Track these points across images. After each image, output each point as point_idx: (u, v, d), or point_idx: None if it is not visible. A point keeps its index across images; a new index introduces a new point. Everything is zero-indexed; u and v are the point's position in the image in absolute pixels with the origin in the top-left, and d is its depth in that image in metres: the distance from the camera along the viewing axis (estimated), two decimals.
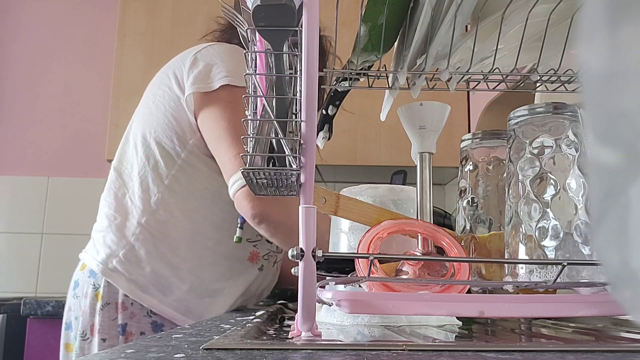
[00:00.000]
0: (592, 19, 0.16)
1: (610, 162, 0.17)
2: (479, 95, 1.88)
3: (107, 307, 1.05)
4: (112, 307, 1.05)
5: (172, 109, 1.10)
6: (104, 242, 1.09)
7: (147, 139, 1.12)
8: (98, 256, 1.08)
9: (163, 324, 1.06)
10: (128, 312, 1.04)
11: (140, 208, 1.09)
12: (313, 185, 0.46)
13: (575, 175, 0.54)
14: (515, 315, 0.59)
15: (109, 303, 1.05)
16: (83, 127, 2.44)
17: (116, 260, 1.06)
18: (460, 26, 0.58)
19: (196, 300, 1.08)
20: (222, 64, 1.08)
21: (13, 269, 2.34)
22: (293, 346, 0.40)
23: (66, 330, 1.11)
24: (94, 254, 1.10)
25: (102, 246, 1.09)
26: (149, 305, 1.05)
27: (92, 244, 1.12)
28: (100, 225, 1.12)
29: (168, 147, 1.10)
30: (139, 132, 1.14)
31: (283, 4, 0.44)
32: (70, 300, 1.11)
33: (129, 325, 1.04)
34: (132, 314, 1.04)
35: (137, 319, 1.05)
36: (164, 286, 1.06)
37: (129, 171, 1.13)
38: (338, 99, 0.67)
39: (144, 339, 0.47)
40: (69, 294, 1.13)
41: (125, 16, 2.18)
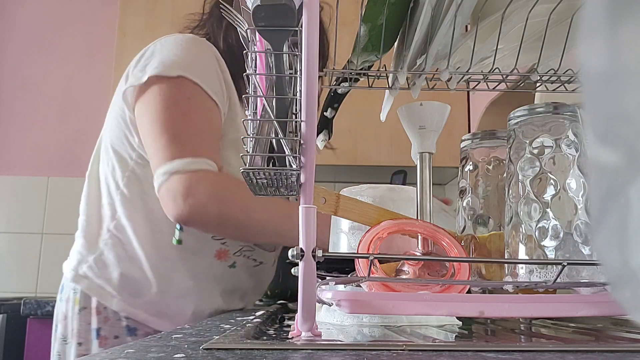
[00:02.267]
0: (593, 18, 0.16)
1: (610, 162, 0.17)
2: (479, 95, 1.88)
3: (83, 311, 1.05)
4: (88, 312, 1.05)
5: (120, 110, 1.09)
6: (76, 248, 1.10)
7: (107, 145, 1.12)
8: (70, 263, 1.09)
9: (136, 327, 1.05)
10: (102, 317, 1.04)
11: (107, 214, 1.09)
12: (313, 185, 0.46)
13: (575, 175, 0.54)
14: (515, 315, 0.59)
15: (85, 307, 1.05)
16: (83, 127, 2.44)
17: (86, 266, 1.06)
18: (460, 26, 0.58)
19: (167, 302, 1.06)
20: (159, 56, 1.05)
21: (13, 269, 2.34)
22: (293, 346, 0.40)
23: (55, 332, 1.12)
24: (68, 261, 1.11)
25: (74, 252, 1.10)
26: (120, 309, 1.04)
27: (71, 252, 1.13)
28: (77, 233, 1.13)
29: (121, 151, 1.09)
30: (103, 139, 1.14)
31: (283, 4, 0.44)
32: (57, 304, 1.12)
33: (103, 329, 1.04)
34: (106, 319, 1.04)
35: (111, 323, 1.04)
36: (133, 289, 1.05)
37: (96, 177, 1.14)
38: (337, 102, 0.67)
39: (144, 339, 0.47)
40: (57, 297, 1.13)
41: (125, 15, 2.18)
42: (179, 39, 1.09)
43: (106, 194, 1.10)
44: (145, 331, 1.05)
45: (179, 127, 0.99)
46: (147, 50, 1.09)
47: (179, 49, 1.06)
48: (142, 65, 1.05)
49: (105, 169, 1.11)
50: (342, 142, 2.01)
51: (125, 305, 1.04)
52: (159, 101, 1.01)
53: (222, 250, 1.09)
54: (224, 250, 1.09)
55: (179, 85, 1.02)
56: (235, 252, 1.10)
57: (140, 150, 1.07)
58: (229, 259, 1.11)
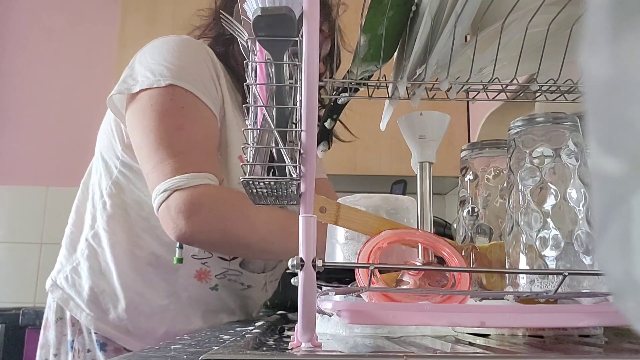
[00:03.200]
0: (596, 26, 0.16)
1: (613, 171, 0.16)
2: (478, 105, 1.88)
3: (60, 321, 1.03)
4: (63, 322, 1.03)
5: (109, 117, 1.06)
6: (59, 257, 1.08)
7: (97, 152, 1.09)
8: (52, 274, 1.08)
9: (106, 343, 1.00)
10: (75, 329, 1.01)
11: (88, 223, 1.05)
12: (313, 195, 0.46)
13: (576, 185, 0.54)
14: (516, 326, 0.59)
15: (61, 318, 1.03)
16: (82, 137, 2.43)
17: (63, 276, 1.04)
18: (460, 36, 0.58)
19: (137, 319, 1.00)
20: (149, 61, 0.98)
21: (12, 279, 2.34)
22: (293, 357, 0.40)
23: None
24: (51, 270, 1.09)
25: (57, 261, 1.08)
26: (89, 323, 1.00)
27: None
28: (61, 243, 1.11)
29: (107, 158, 1.05)
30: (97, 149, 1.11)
31: (283, 14, 0.44)
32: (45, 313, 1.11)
33: (76, 341, 1.01)
34: (79, 331, 1.01)
35: (83, 336, 1.01)
36: (102, 303, 1.00)
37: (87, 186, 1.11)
38: (336, 112, 0.67)
39: (143, 350, 0.46)
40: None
41: (125, 25, 2.19)
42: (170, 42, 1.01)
43: (90, 202, 1.07)
44: (115, 347, 1.00)
45: (175, 140, 0.92)
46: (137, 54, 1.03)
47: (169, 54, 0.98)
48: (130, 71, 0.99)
49: (94, 177, 1.08)
50: (342, 151, 2.01)
51: (94, 320, 1.00)
52: (151, 113, 0.94)
53: (203, 271, 1.02)
54: (205, 270, 1.02)
55: (171, 95, 0.95)
56: (217, 274, 1.04)
57: (123, 159, 1.03)
58: (210, 281, 1.04)
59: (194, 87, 0.96)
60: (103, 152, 1.07)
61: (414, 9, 0.58)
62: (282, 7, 0.44)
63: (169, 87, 0.95)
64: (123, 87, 0.97)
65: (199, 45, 1.04)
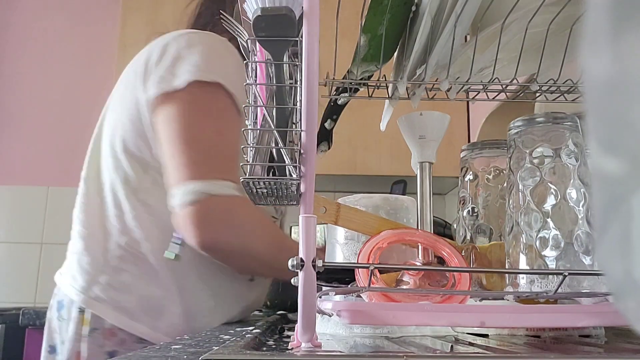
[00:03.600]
0: (596, 26, 0.16)
1: (613, 171, 0.16)
2: (478, 105, 1.89)
3: (95, 332, 0.93)
4: (99, 334, 0.93)
5: (137, 112, 0.97)
6: (81, 266, 0.97)
7: (115, 148, 0.99)
8: (76, 283, 0.96)
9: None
10: (117, 339, 0.93)
11: (117, 227, 0.96)
12: (313, 195, 0.46)
13: (576, 185, 0.54)
14: (516, 326, 0.59)
15: (97, 329, 0.93)
16: (83, 137, 2.43)
17: (98, 288, 0.94)
18: (460, 36, 0.58)
19: (191, 323, 0.96)
20: (190, 57, 0.94)
21: (12, 279, 2.34)
22: (293, 357, 0.40)
23: (50, 353, 1.00)
24: (70, 280, 0.97)
25: (78, 272, 0.96)
26: (140, 333, 0.93)
27: (68, 268, 1.00)
28: (76, 247, 0.99)
29: (137, 156, 0.97)
30: (107, 140, 1.01)
31: (283, 14, 0.44)
32: (54, 322, 1.00)
33: (119, 352, 0.93)
34: (123, 341, 0.93)
35: (128, 345, 0.93)
36: (155, 311, 0.94)
37: (99, 185, 1.01)
38: (336, 113, 0.67)
39: (143, 350, 0.46)
40: (51, 314, 1.02)
41: (126, 27, 2.19)
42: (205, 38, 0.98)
43: (113, 203, 0.97)
44: None
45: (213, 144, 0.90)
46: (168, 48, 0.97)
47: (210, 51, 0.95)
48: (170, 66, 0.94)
49: (113, 176, 0.98)
50: (342, 152, 2.02)
51: (145, 329, 0.93)
52: (192, 111, 0.91)
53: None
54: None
55: (215, 94, 0.92)
56: None
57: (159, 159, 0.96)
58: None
59: (235, 90, 0.93)
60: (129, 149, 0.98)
61: (414, 9, 0.58)
62: (282, 7, 0.44)
63: (215, 85, 0.92)
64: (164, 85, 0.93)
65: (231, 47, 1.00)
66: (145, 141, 0.97)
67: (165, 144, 0.92)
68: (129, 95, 0.99)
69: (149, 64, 0.97)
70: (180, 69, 0.93)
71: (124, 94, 1.01)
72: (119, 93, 1.04)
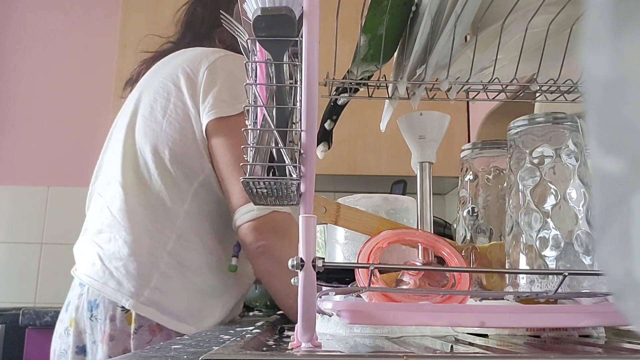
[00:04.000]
0: (596, 26, 0.16)
1: (613, 171, 0.16)
2: (478, 105, 1.88)
3: (140, 329, 0.98)
4: (146, 330, 0.98)
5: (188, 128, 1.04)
6: (127, 271, 0.99)
7: (163, 158, 1.03)
8: (122, 288, 0.99)
9: None
10: (164, 334, 0.99)
11: (164, 234, 1.01)
12: (313, 195, 0.46)
13: (576, 185, 0.54)
14: (516, 326, 0.59)
15: (142, 325, 0.98)
16: (83, 137, 2.44)
17: (147, 292, 0.99)
18: (460, 36, 0.58)
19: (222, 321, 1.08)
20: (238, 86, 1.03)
21: (12, 279, 2.34)
22: (293, 357, 0.40)
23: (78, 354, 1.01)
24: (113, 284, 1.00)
25: (125, 277, 0.99)
26: (187, 332, 1.00)
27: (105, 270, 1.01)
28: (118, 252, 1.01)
29: (186, 169, 1.04)
30: (149, 150, 1.05)
31: (283, 14, 0.44)
32: (84, 322, 1.01)
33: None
34: (169, 335, 0.99)
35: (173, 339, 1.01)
36: (200, 315, 1.03)
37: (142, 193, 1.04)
38: (336, 113, 0.67)
39: (143, 350, 0.46)
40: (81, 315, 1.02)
41: (126, 27, 2.19)
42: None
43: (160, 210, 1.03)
44: None
45: None
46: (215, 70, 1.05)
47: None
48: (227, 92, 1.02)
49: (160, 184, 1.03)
50: (341, 152, 2.02)
51: (192, 329, 1.00)
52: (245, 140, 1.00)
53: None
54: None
55: None
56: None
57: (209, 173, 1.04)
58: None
59: None
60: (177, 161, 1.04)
61: (414, 9, 0.58)
62: (282, 7, 0.44)
63: None
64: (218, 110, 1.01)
65: None
66: (196, 156, 1.04)
67: (223, 170, 1.02)
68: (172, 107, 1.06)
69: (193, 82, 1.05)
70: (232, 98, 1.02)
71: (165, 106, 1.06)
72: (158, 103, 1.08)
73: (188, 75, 1.06)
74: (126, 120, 1.11)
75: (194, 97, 1.04)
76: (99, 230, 1.05)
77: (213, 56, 1.07)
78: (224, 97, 1.02)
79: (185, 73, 1.06)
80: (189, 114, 1.04)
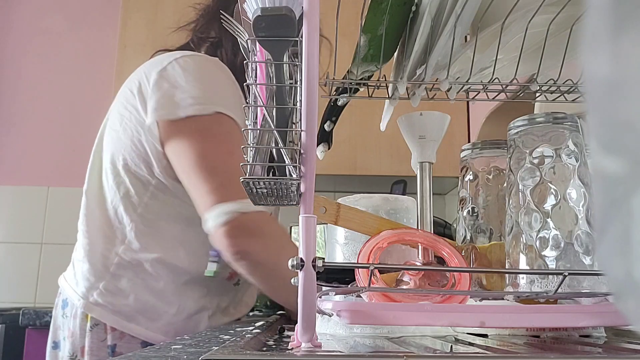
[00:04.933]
0: (596, 26, 0.16)
1: (613, 171, 0.16)
2: (478, 105, 1.88)
3: (96, 327, 1.01)
4: (101, 328, 1.01)
5: (138, 134, 1.04)
6: (82, 272, 1.05)
7: (116, 166, 1.07)
8: (78, 288, 1.05)
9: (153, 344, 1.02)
10: (117, 333, 1.01)
11: (117, 238, 1.05)
12: (313, 195, 0.46)
13: (576, 185, 0.54)
14: (517, 326, 0.59)
15: (98, 324, 1.02)
16: (83, 137, 2.43)
17: (97, 292, 1.03)
18: (460, 36, 0.58)
19: (184, 321, 1.06)
20: (187, 86, 1.01)
21: (12, 279, 2.34)
22: (293, 357, 0.40)
23: (53, 349, 1.08)
24: (73, 284, 1.06)
25: (81, 277, 1.05)
26: (137, 334, 1.01)
27: (72, 272, 1.08)
28: (78, 254, 1.08)
29: (138, 174, 1.05)
30: (108, 157, 1.09)
31: (283, 14, 0.44)
32: (59, 319, 1.08)
33: (119, 346, 1.01)
34: (122, 335, 1.02)
35: (127, 339, 1.02)
36: (151, 312, 1.03)
37: (100, 198, 1.08)
38: (335, 115, 0.67)
39: (143, 350, 0.46)
40: (56, 312, 1.09)
41: (126, 27, 2.19)
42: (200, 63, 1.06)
43: (114, 216, 1.06)
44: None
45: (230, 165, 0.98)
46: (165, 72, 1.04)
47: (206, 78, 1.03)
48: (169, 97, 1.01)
49: (114, 190, 1.07)
50: (341, 152, 2.02)
51: (142, 330, 1.02)
52: (202, 141, 0.99)
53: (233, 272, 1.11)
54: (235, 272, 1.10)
55: (219, 122, 1.00)
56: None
57: (160, 178, 1.04)
58: (235, 278, 1.13)
59: (235, 114, 1.02)
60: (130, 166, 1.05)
61: (414, 9, 0.58)
62: (282, 7, 0.44)
63: (216, 115, 1.00)
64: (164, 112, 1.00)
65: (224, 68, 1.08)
66: (146, 161, 1.04)
67: (184, 175, 1.01)
68: (128, 115, 1.06)
69: (145, 87, 1.04)
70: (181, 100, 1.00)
71: (123, 113, 1.08)
72: (118, 110, 1.10)
73: (142, 81, 1.06)
74: (102, 128, 1.16)
75: (143, 101, 1.04)
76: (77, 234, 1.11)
77: (167, 59, 1.06)
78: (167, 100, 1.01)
79: (141, 79, 1.06)
80: (139, 120, 1.04)
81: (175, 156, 1.01)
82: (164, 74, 1.04)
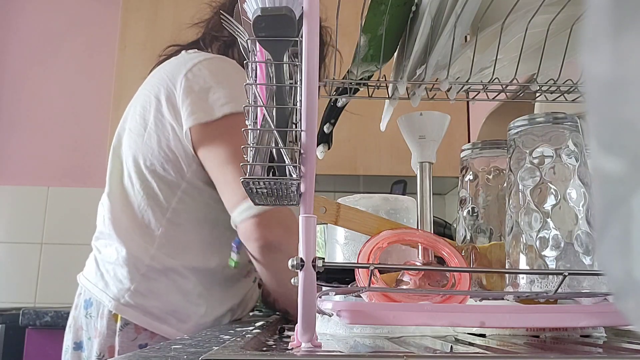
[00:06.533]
0: (596, 26, 0.16)
1: (614, 171, 0.16)
2: (478, 105, 1.88)
3: (127, 327, 1.02)
4: (131, 328, 1.02)
5: (167, 140, 1.06)
6: (115, 275, 1.06)
7: (143, 170, 1.08)
8: (108, 290, 1.05)
9: None
10: (148, 332, 1.03)
11: (146, 242, 1.06)
12: (313, 195, 0.46)
13: (576, 185, 0.54)
14: (516, 326, 0.59)
15: (128, 323, 1.02)
16: (83, 138, 2.44)
17: (128, 294, 1.04)
18: (460, 36, 0.58)
19: (212, 322, 1.08)
20: (218, 86, 1.04)
21: (12, 279, 2.34)
22: (293, 357, 0.40)
23: (76, 350, 1.07)
24: (101, 285, 1.06)
25: (111, 279, 1.06)
26: (167, 334, 1.03)
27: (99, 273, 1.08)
28: (108, 257, 1.08)
29: (166, 179, 1.07)
30: (131, 161, 1.10)
31: (283, 14, 0.44)
32: (81, 320, 1.08)
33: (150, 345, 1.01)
34: (152, 334, 1.03)
35: (158, 339, 1.03)
36: (180, 314, 1.05)
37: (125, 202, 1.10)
38: (334, 116, 0.67)
39: (143, 350, 0.46)
40: (78, 312, 1.09)
41: (126, 27, 2.19)
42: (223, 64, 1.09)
43: (142, 220, 1.07)
44: None
45: None
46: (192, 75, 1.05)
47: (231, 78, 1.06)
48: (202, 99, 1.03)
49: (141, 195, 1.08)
50: (342, 152, 2.02)
51: (172, 331, 1.03)
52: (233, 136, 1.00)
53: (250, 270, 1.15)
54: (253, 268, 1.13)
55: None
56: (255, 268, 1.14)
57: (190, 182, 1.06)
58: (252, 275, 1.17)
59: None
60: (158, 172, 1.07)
61: (414, 9, 0.58)
62: (282, 7, 0.44)
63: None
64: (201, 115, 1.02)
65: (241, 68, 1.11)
66: (175, 166, 1.07)
67: (218, 171, 1.03)
68: (153, 120, 1.08)
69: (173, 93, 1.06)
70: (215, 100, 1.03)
71: (147, 118, 1.09)
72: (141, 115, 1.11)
73: (167, 86, 1.07)
74: (119, 130, 1.17)
75: (172, 107, 1.06)
76: (97, 236, 1.13)
77: (191, 62, 1.08)
78: (202, 103, 1.03)
79: (165, 84, 1.08)
80: (167, 125, 1.06)
81: (210, 154, 1.04)
82: (191, 77, 1.06)
